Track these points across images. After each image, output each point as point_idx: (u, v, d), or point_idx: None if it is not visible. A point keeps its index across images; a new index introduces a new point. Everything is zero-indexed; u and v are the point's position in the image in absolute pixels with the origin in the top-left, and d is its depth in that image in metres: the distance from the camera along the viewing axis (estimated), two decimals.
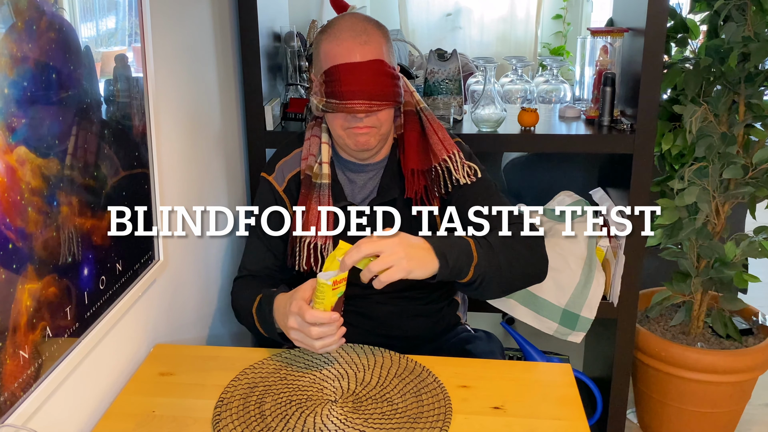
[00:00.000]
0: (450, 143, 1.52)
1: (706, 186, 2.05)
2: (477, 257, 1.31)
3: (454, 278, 1.31)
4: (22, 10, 0.94)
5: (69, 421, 1.15)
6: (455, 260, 1.28)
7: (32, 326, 1.00)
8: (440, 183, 1.51)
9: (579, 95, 2.18)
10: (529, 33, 4.77)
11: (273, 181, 1.59)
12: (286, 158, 1.60)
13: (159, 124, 1.44)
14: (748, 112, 2.05)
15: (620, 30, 1.98)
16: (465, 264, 1.30)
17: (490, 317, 2.95)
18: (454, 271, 1.29)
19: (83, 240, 1.13)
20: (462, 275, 1.31)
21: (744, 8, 1.94)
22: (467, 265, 1.30)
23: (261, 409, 1.21)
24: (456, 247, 1.30)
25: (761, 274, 2.40)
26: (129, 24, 1.29)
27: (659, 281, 2.34)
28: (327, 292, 1.23)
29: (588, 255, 1.96)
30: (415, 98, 1.58)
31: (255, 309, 1.44)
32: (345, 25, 1.43)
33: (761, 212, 2.29)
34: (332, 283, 1.23)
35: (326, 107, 1.44)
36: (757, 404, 2.48)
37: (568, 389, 1.27)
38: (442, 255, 1.27)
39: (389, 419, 1.17)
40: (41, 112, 1.00)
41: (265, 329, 1.43)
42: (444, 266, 1.26)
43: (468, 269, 1.30)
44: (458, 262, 1.28)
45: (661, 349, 2.18)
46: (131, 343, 1.37)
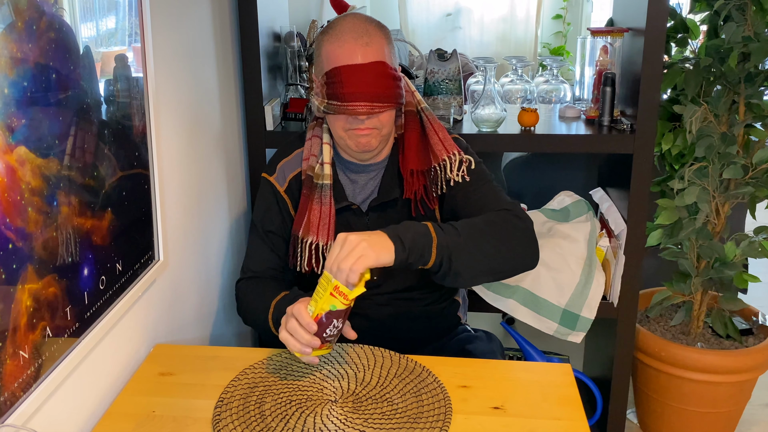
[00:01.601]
0: (450, 144, 1.52)
1: (706, 186, 2.05)
2: (436, 237, 1.29)
3: (418, 261, 1.28)
4: (21, 10, 0.94)
5: (69, 421, 1.15)
6: (411, 241, 1.26)
7: (32, 326, 1.00)
8: (438, 183, 1.51)
9: (579, 95, 2.18)
10: (529, 33, 4.77)
11: (274, 182, 1.59)
12: (288, 158, 1.60)
13: (159, 124, 1.44)
14: (748, 112, 2.05)
15: (620, 30, 1.98)
16: (424, 245, 1.27)
17: (490, 317, 2.95)
18: (413, 253, 1.26)
19: (83, 240, 1.13)
20: (425, 257, 1.28)
21: (744, 8, 1.94)
22: (428, 246, 1.28)
23: (261, 409, 1.21)
24: (411, 229, 1.28)
25: (761, 274, 2.41)
26: (129, 24, 1.29)
27: (659, 281, 2.34)
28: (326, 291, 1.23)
29: (588, 255, 1.96)
30: (416, 98, 1.58)
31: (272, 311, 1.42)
32: (347, 27, 1.42)
33: (761, 212, 2.29)
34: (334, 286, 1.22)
35: (328, 109, 1.44)
36: (757, 404, 2.48)
37: (568, 389, 1.27)
38: (396, 237, 1.25)
39: (389, 419, 1.17)
40: (41, 112, 1.00)
41: None
42: (401, 248, 1.24)
43: (430, 250, 1.28)
44: (415, 243, 1.26)
45: (661, 349, 2.18)
46: (131, 343, 1.37)
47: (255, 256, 1.59)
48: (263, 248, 1.58)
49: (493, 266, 1.37)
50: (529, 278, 1.94)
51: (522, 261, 1.40)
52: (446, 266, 1.30)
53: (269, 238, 1.57)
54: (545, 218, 2.12)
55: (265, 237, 1.58)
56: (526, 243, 1.39)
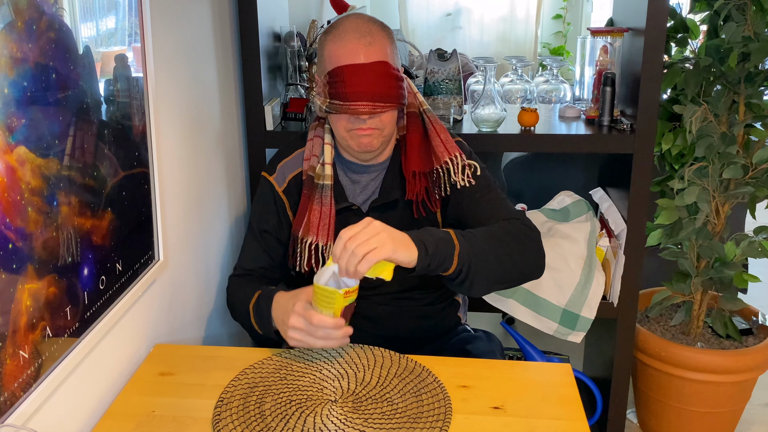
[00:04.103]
0: (452, 146, 1.52)
1: (706, 186, 2.05)
2: (459, 245, 1.29)
3: (438, 268, 1.28)
4: (21, 10, 0.94)
5: (69, 421, 1.15)
6: (434, 247, 1.26)
7: (32, 326, 1.00)
8: (441, 185, 1.51)
9: (579, 95, 2.18)
10: (529, 33, 4.76)
11: (273, 182, 1.59)
12: (288, 158, 1.60)
13: (159, 124, 1.44)
14: (748, 112, 2.05)
15: (620, 30, 1.98)
16: (447, 253, 1.28)
17: (490, 317, 2.95)
18: (435, 259, 1.26)
19: (83, 240, 1.13)
20: (446, 264, 1.28)
21: (744, 8, 1.94)
22: (449, 254, 1.28)
23: (261, 409, 1.21)
24: (434, 236, 1.28)
25: (761, 274, 2.41)
26: (129, 24, 1.29)
27: (659, 281, 2.34)
28: (338, 300, 1.24)
29: (588, 255, 1.96)
30: (418, 100, 1.58)
31: (252, 305, 1.45)
32: (349, 26, 1.42)
33: (761, 212, 2.29)
34: (344, 293, 1.23)
35: (330, 108, 1.44)
36: (757, 404, 2.48)
37: (568, 389, 1.27)
38: (420, 243, 1.25)
39: (389, 419, 1.17)
40: (41, 112, 1.00)
41: (260, 326, 1.44)
42: (424, 254, 1.24)
43: (451, 259, 1.28)
44: (438, 249, 1.26)
45: (661, 349, 2.18)
46: (131, 343, 1.37)
47: (248, 254, 1.61)
48: (256, 247, 1.59)
49: (508, 276, 1.39)
50: None
51: (532, 272, 1.42)
52: (464, 274, 1.31)
53: (263, 237, 1.58)
54: (545, 218, 2.12)
55: (259, 236, 1.59)
56: (536, 254, 1.41)
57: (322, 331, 1.27)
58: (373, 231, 1.21)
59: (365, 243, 1.19)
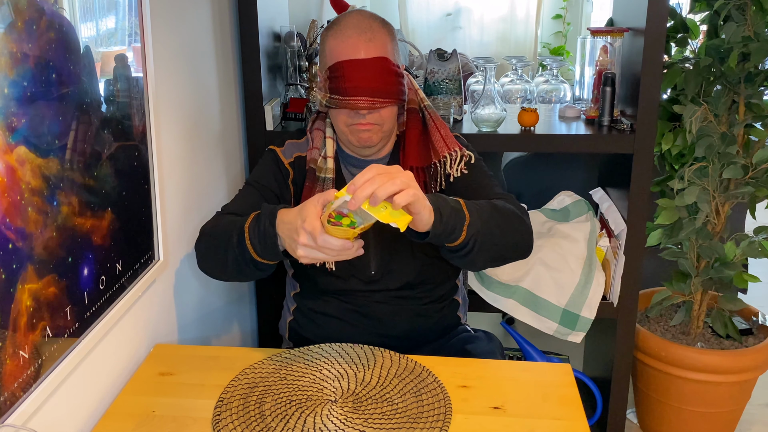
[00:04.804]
0: (452, 141, 1.53)
1: (706, 186, 2.05)
2: (469, 216, 1.29)
3: (447, 238, 1.27)
4: (22, 10, 0.94)
5: (69, 421, 1.15)
6: (448, 215, 1.25)
7: (32, 326, 1.00)
8: (438, 179, 1.52)
9: (579, 95, 2.18)
10: (529, 33, 4.76)
11: (281, 154, 1.58)
12: (297, 141, 1.61)
13: (159, 124, 1.44)
14: (748, 112, 2.05)
15: (620, 30, 1.98)
16: (458, 222, 1.27)
17: (490, 317, 2.95)
18: (447, 227, 1.25)
19: (83, 240, 1.13)
20: (456, 234, 1.27)
21: (744, 8, 1.94)
22: (460, 224, 1.27)
23: (261, 409, 1.21)
24: (448, 203, 1.27)
25: (761, 274, 2.40)
26: (129, 24, 1.29)
27: (659, 281, 2.34)
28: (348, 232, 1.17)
29: (588, 255, 1.96)
30: (419, 96, 1.59)
31: (248, 225, 1.33)
32: (351, 22, 1.43)
33: (761, 212, 2.29)
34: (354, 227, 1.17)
35: (330, 103, 1.45)
36: (757, 404, 2.48)
37: (568, 389, 1.27)
38: (437, 208, 1.24)
39: (389, 419, 1.17)
40: (41, 111, 1.00)
41: (260, 245, 1.31)
42: (438, 219, 1.23)
43: (461, 228, 1.27)
44: (451, 218, 1.25)
45: (661, 349, 2.18)
46: (131, 343, 1.37)
47: (242, 200, 1.52)
48: (254, 194, 1.52)
49: (505, 254, 1.40)
50: (529, 278, 1.94)
51: (524, 251, 1.43)
52: (470, 247, 1.30)
53: (261, 190, 1.53)
54: (545, 218, 2.12)
55: (256, 187, 1.53)
56: (529, 232, 1.42)
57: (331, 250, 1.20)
58: (407, 177, 1.16)
59: (393, 182, 1.14)
